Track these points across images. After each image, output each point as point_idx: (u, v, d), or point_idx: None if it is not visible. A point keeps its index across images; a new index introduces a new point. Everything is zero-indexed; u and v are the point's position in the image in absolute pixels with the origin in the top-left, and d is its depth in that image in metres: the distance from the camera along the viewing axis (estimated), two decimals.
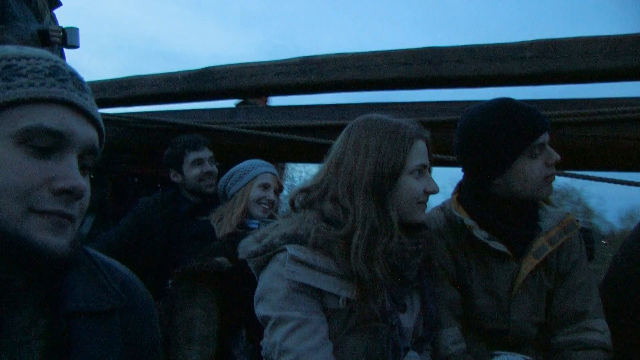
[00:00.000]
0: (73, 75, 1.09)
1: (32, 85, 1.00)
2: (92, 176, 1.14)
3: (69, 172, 1.00)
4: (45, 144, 0.99)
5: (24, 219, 0.96)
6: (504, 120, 1.96)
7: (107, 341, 1.13)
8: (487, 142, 1.97)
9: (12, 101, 0.98)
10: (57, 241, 0.99)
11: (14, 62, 1.03)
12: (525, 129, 1.95)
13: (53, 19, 4.76)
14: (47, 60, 1.07)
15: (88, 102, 1.08)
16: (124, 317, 1.19)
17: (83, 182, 1.02)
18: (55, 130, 1.00)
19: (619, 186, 3.15)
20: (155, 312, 1.32)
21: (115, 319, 1.16)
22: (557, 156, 1.98)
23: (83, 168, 1.07)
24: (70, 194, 1.00)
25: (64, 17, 4.59)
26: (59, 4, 4.85)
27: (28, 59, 1.04)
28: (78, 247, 1.08)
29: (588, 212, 32.72)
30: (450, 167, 3.26)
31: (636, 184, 3.14)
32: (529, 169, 1.97)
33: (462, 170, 2.16)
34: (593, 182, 3.25)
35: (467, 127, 2.05)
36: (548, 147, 1.99)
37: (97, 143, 1.10)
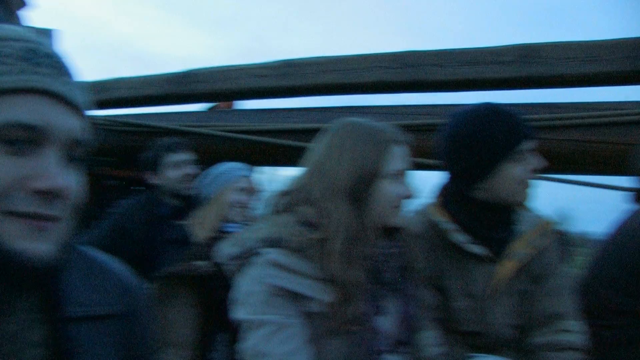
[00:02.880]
0: (51, 57, 0.96)
1: (1, 73, 0.88)
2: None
3: (47, 169, 0.90)
4: (18, 140, 0.88)
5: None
6: (490, 126, 1.98)
7: (107, 347, 1.07)
8: (474, 147, 1.98)
9: None
10: (38, 247, 0.89)
11: None
12: (511, 134, 1.97)
13: (19, 19, 4.72)
14: (25, 41, 0.94)
15: (68, 87, 0.96)
16: (124, 320, 1.13)
17: (62, 181, 0.91)
18: (28, 124, 0.88)
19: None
20: (153, 315, 1.26)
21: (114, 323, 1.10)
22: (540, 162, 2.01)
23: (70, 161, 0.96)
24: (48, 193, 0.89)
25: (35, 17, 4.54)
26: (24, 5, 4.79)
27: (3, 40, 0.93)
28: (70, 248, 0.99)
29: None
30: (428, 170, 3.28)
31: (612, 188, 3.18)
32: (513, 173, 1.99)
33: (446, 174, 2.17)
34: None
35: (453, 132, 2.06)
36: (531, 153, 2.01)
37: (81, 132, 0.99)
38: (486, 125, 1.98)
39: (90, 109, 1.04)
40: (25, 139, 0.89)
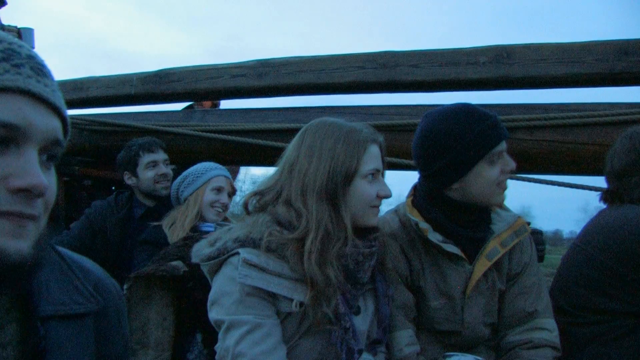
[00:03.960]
0: (31, 59, 0.97)
1: None
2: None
3: (27, 168, 0.90)
4: None
5: None
6: (466, 127, 1.98)
7: (81, 345, 1.07)
8: (449, 148, 1.98)
9: None
10: (17, 245, 0.89)
11: None
12: (486, 135, 1.97)
13: None
14: (5, 42, 0.94)
15: (48, 88, 0.97)
16: (97, 319, 1.14)
17: (43, 179, 0.90)
18: (10, 123, 0.88)
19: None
20: (125, 313, 1.27)
21: (88, 321, 1.11)
22: (513, 164, 2.02)
23: (47, 160, 0.97)
24: (29, 192, 0.89)
25: (9, 14, 4.49)
26: (4, 3, 4.73)
27: None
28: (45, 247, 0.98)
29: None
30: (404, 170, 3.29)
31: (585, 188, 3.21)
32: (487, 175, 2.00)
33: (420, 174, 2.17)
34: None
35: (429, 132, 2.05)
36: (505, 155, 2.02)
37: (60, 133, 0.99)
38: (462, 126, 1.98)
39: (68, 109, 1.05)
40: (6, 138, 0.89)
